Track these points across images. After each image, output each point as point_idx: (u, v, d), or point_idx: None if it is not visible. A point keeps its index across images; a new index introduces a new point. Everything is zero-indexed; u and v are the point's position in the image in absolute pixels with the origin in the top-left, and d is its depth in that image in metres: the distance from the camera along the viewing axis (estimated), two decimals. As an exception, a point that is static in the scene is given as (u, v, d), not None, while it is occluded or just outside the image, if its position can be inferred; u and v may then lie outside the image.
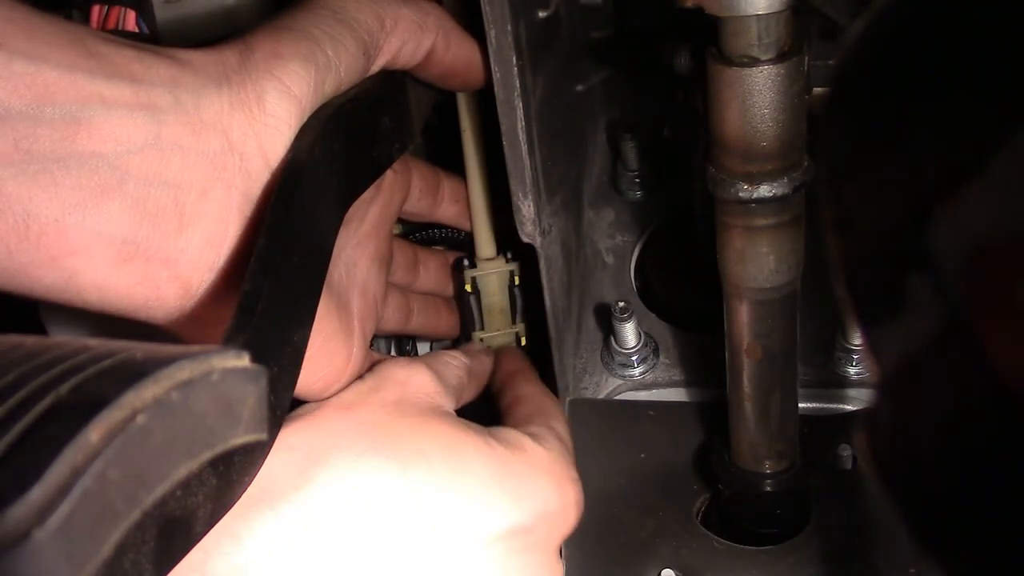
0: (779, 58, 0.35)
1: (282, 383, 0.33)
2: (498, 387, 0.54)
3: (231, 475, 0.29)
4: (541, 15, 0.50)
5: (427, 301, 0.58)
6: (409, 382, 0.44)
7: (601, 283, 0.64)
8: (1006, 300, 0.21)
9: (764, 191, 0.38)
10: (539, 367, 0.56)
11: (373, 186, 0.46)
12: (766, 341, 0.43)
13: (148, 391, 0.24)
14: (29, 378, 0.24)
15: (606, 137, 0.71)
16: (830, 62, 0.39)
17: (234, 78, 0.37)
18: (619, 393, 0.59)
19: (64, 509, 0.21)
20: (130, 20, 0.52)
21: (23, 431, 0.22)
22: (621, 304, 0.56)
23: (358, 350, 0.44)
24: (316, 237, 0.39)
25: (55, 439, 0.22)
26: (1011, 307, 0.21)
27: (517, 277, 0.57)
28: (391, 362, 0.46)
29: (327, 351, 0.41)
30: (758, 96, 0.36)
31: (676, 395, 0.58)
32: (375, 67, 0.44)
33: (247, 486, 0.31)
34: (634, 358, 0.58)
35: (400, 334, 0.59)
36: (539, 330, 0.54)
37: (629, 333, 0.57)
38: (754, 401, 0.45)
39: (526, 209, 0.47)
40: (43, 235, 0.34)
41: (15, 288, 0.35)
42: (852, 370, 0.56)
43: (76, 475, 0.22)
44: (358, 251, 0.47)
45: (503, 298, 0.58)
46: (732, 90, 0.36)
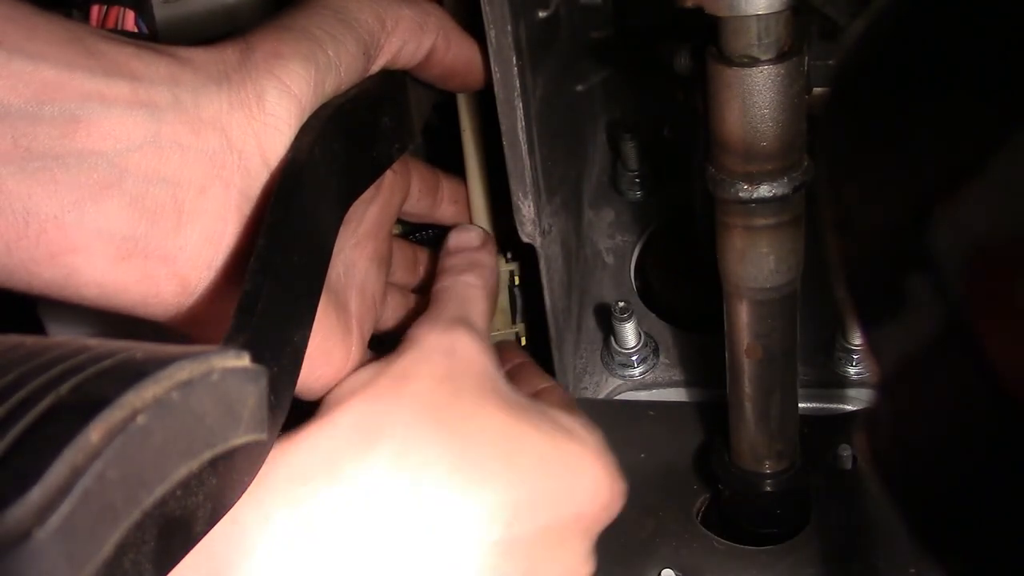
0: (779, 58, 0.35)
1: (282, 383, 0.33)
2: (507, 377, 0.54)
3: (231, 475, 0.29)
4: (541, 15, 0.50)
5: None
6: (455, 351, 0.43)
7: (601, 283, 0.64)
8: (1006, 300, 0.21)
9: (764, 191, 0.38)
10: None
11: (372, 186, 0.46)
12: (766, 341, 0.43)
13: (148, 391, 0.24)
14: (29, 378, 0.24)
15: (606, 137, 0.71)
16: (830, 62, 0.39)
17: (234, 77, 0.38)
18: (619, 393, 0.59)
19: (64, 509, 0.21)
20: (129, 20, 0.52)
21: (23, 431, 0.22)
22: (621, 304, 0.56)
23: (356, 349, 0.44)
24: (316, 237, 0.39)
25: (55, 439, 0.22)
26: (1011, 307, 0.21)
27: (517, 277, 0.57)
28: (428, 330, 0.44)
29: (325, 349, 0.41)
30: (758, 96, 0.36)
31: (676, 395, 0.58)
32: (375, 67, 0.44)
33: (247, 486, 0.31)
34: (634, 358, 0.58)
35: (400, 333, 0.59)
36: (539, 330, 0.54)
37: (629, 333, 0.57)
38: (754, 401, 0.45)
39: (526, 209, 0.47)
40: (42, 232, 0.34)
41: (14, 284, 0.35)
42: (852, 370, 0.56)
43: (76, 475, 0.22)
44: (356, 251, 0.47)
45: (503, 298, 0.58)
46: (732, 90, 0.36)
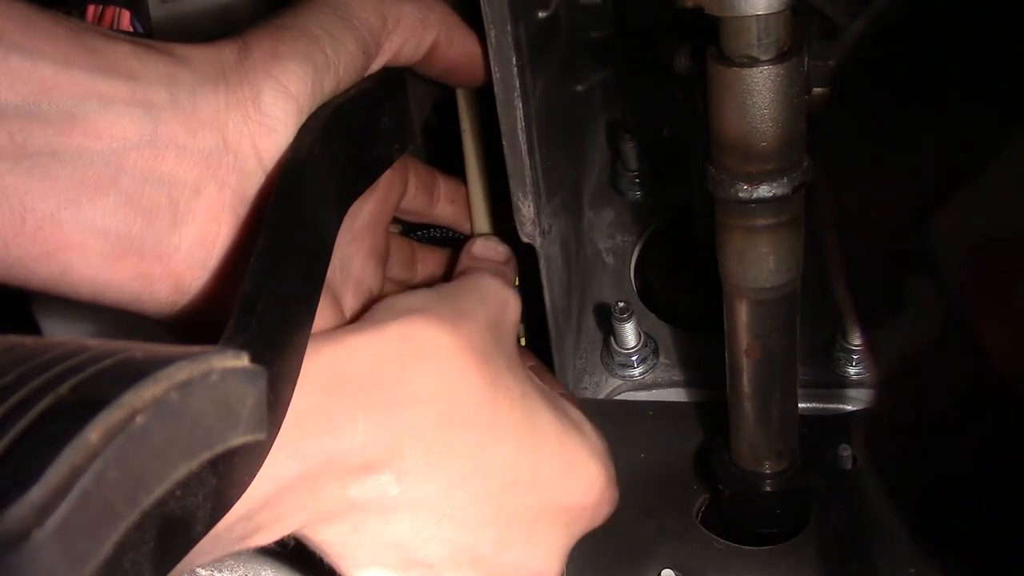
0: (779, 58, 0.35)
1: (282, 383, 0.33)
2: None
3: (231, 475, 0.29)
4: (541, 15, 0.50)
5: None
6: (508, 305, 0.46)
7: (601, 283, 0.64)
8: (1006, 300, 0.21)
9: (764, 191, 0.38)
10: (539, 367, 0.56)
11: None
12: (766, 341, 0.43)
13: (147, 391, 0.24)
14: (29, 378, 0.24)
15: (606, 137, 0.71)
16: (830, 62, 0.38)
17: (231, 77, 0.37)
18: (619, 393, 0.59)
19: (64, 509, 0.21)
20: (124, 19, 0.52)
21: (23, 431, 0.22)
22: (621, 304, 0.56)
23: None
24: (316, 237, 0.39)
25: (55, 439, 0.22)
26: (1011, 307, 0.21)
27: (517, 277, 0.57)
28: (483, 276, 0.47)
29: None
30: (758, 96, 0.36)
31: (676, 395, 0.58)
32: (376, 64, 0.44)
33: (247, 486, 0.31)
34: (634, 358, 0.58)
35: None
36: (539, 330, 0.54)
37: (629, 333, 0.57)
38: (754, 401, 0.45)
39: (526, 209, 0.47)
40: (39, 229, 0.34)
41: (11, 280, 0.35)
42: (852, 370, 0.56)
43: (75, 475, 0.22)
44: (353, 247, 0.47)
45: (503, 298, 0.58)
46: (732, 90, 0.36)
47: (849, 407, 0.56)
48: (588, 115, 0.69)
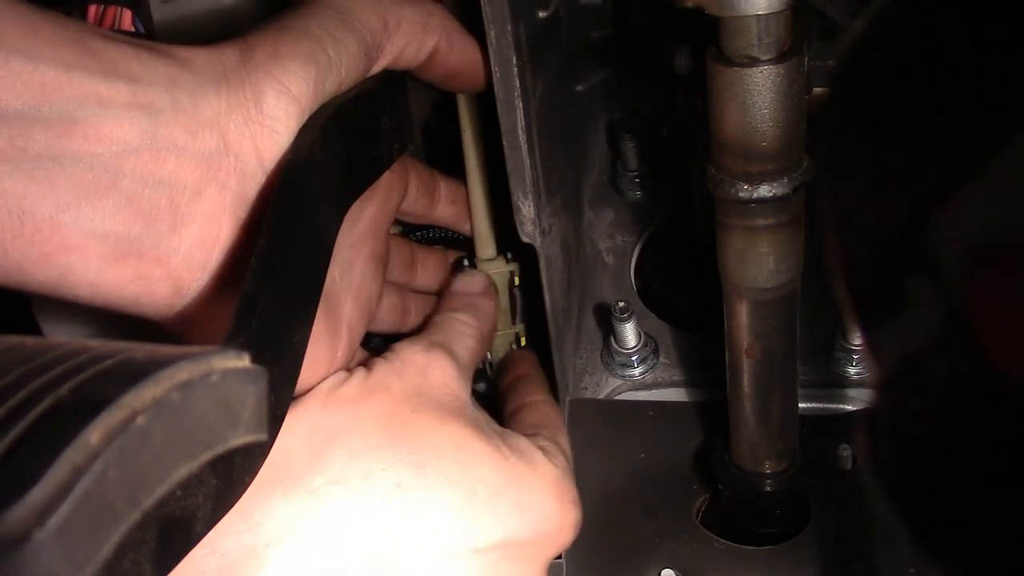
0: (779, 58, 0.35)
1: (282, 384, 0.33)
2: (505, 387, 0.55)
3: (231, 476, 0.29)
4: (541, 15, 0.50)
5: (425, 301, 0.58)
6: (429, 371, 0.44)
7: (601, 283, 0.64)
8: (1006, 300, 0.21)
9: (764, 191, 0.38)
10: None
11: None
12: (766, 341, 0.43)
13: (148, 392, 0.24)
14: (29, 379, 0.24)
15: (606, 137, 0.71)
16: (830, 62, 0.38)
17: (233, 78, 0.37)
18: (619, 393, 0.59)
19: (64, 510, 0.21)
20: (126, 20, 0.52)
21: (23, 432, 0.22)
22: (621, 304, 0.56)
23: (342, 354, 0.44)
24: (316, 238, 0.39)
25: (55, 440, 0.22)
26: (1011, 307, 0.21)
27: (517, 277, 0.57)
28: (409, 345, 0.46)
29: (310, 354, 0.41)
30: (758, 96, 0.36)
31: (676, 395, 0.58)
32: (377, 67, 0.44)
33: (248, 486, 0.31)
34: (634, 358, 0.58)
35: (397, 334, 0.59)
36: (539, 330, 0.54)
37: (629, 333, 0.57)
38: (754, 401, 0.45)
39: (526, 209, 0.47)
40: (37, 232, 0.34)
41: (9, 283, 0.35)
42: (852, 370, 0.56)
43: (76, 476, 0.22)
44: (354, 251, 0.47)
45: (504, 298, 0.58)
46: (732, 90, 0.36)
47: (849, 407, 0.56)
48: (588, 115, 0.69)
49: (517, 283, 0.57)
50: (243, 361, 0.28)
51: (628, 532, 0.51)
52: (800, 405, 0.47)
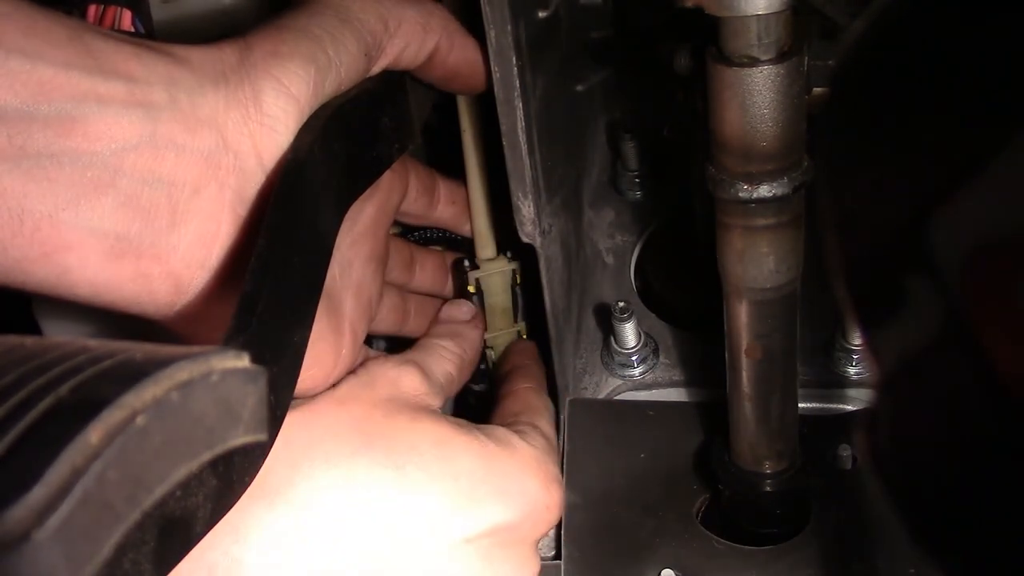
0: (779, 58, 0.35)
1: (282, 383, 0.33)
2: (499, 379, 0.55)
3: (231, 476, 0.29)
4: (541, 15, 0.50)
5: (424, 302, 0.58)
6: (400, 381, 0.45)
7: (601, 283, 0.64)
8: (1006, 300, 0.21)
9: (764, 191, 0.38)
10: (539, 367, 0.56)
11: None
12: (766, 341, 0.43)
13: (148, 392, 0.24)
14: (29, 379, 0.24)
15: (606, 137, 0.71)
16: (830, 62, 0.38)
17: (232, 77, 0.37)
18: (619, 393, 0.59)
19: (64, 510, 0.21)
20: (126, 20, 0.52)
21: (23, 432, 0.22)
22: (621, 304, 0.56)
23: (347, 352, 0.44)
24: (316, 237, 0.39)
25: (55, 440, 0.22)
26: (1011, 307, 0.21)
27: (517, 277, 0.57)
28: (382, 360, 0.47)
29: (315, 353, 0.41)
30: (758, 96, 0.36)
31: (676, 395, 0.58)
32: (377, 68, 0.44)
33: (247, 486, 0.31)
34: (634, 358, 0.58)
35: (397, 335, 0.59)
36: (539, 330, 0.54)
37: (629, 333, 0.57)
38: (754, 401, 0.45)
39: (526, 209, 0.47)
40: (37, 230, 0.34)
41: (9, 282, 0.35)
42: (852, 370, 0.56)
43: (76, 476, 0.22)
44: (353, 251, 0.47)
45: (505, 298, 0.58)
46: (732, 90, 0.36)
47: (849, 407, 0.56)
48: (588, 115, 0.69)
49: (517, 283, 0.58)
50: (243, 361, 0.28)
51: (628, 532, 0.51)
52: (800, 405, 0.47)
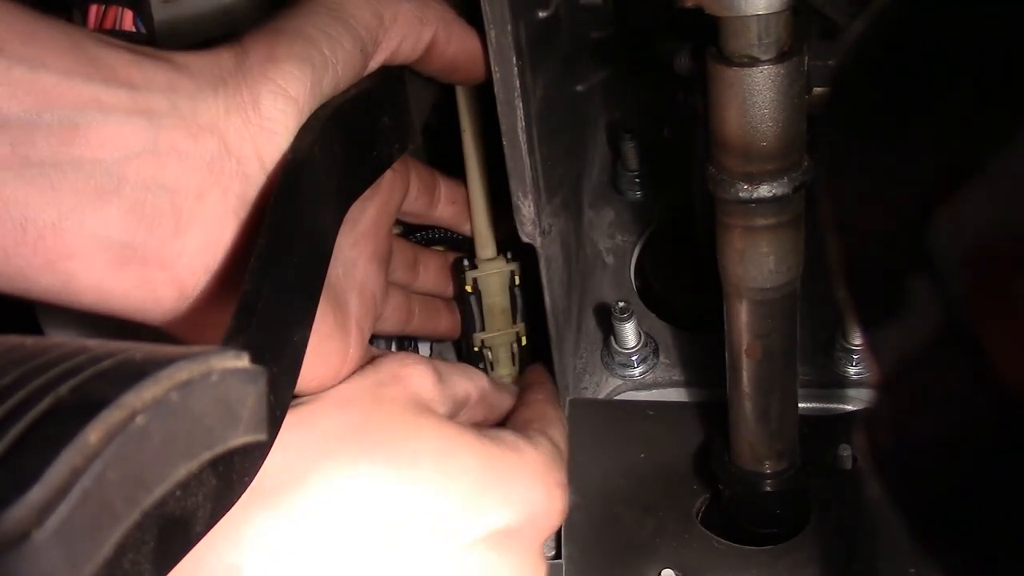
0: (779, 58, 0.35)
1: (282, 384, 0.33)
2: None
3: (231, 476, 0.29)
4: (541, 15, 0.50)
5: (427, 302, 0.58)
6: (410, 380, 0.44)
7: (601, 283, 0.64)
8: (1006, 300, 0.21)
9: (764, 191, 0.38)
10: (539, 367, 0.56)
11: (371, 185, 0.46)
12: (766, 341, 0.43)
13: (147, 392, 0.24)
14: (29, 379, 0.24)
15: (606, 137, 0.71)
16: (830, 62, 0.38)
17: (230, 81, 0.37)
18: (619, 393, 0.59)
19: (63, 510, 0.21)
20: (127, 20, 0.52)
21: (23, 432, 0.22)
22: (621, 304, 0.56)
23: (354, 350, 0.44)
24: (316, 237, 0.39)
25: (55, 440, 0.22)
26: (1011, 307, 0.21)
27: (517, 277, 0.57)
28: (394, 357, 0.45)
29: (322, 352, 0.41)
30: (758, 96, 0.36)
31: (676, 395, 0.58)
32: (374, 63, 0.44)
33: (247, 486, 0.31)
34: (634, 358, 0.58)
35: (400, 335, 0.59)
36: (539, 330, 0.54)
37: (629, 333, 0.57)
38: (754, 401, 0.45)
39: (526, 209, 0.47)
40: (40, 239, 0.34)
41: (13, 290, 0.35)
42: (852, 370, 0.56)
43: (75, 476, 0.22)
44: (355, 250, 0.47)
45: (504, 299, 0.58)
46: (732, 90, 0.36)
47: (849, 407, 0.56)
48: (588, 115, 0.69)
49: (517, 283, 0.58)
50: (243, 361, 0.28)
51: (628, 532, 0.51)
52: (800, 405, 0.47)
